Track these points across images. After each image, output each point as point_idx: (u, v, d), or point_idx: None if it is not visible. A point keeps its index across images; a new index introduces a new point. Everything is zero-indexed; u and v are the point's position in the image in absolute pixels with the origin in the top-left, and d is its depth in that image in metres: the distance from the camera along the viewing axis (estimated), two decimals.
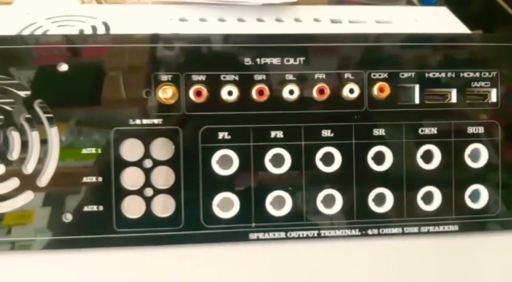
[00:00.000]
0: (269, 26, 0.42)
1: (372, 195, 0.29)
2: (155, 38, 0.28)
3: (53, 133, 0.28)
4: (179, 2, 0.47)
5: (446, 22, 0.46)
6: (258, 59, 0.29)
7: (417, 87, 0.30)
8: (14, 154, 0.28)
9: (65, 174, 0.28)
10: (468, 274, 0.30)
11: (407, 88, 0.30)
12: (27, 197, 0.28)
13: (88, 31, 0.35)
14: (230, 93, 0.28)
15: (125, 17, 0.41)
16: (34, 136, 0.28)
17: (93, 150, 0.28)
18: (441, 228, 0.30)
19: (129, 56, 0.28)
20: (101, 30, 0.36)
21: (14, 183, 0.28)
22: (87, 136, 0.28)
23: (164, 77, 0.28)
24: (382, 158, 0.30)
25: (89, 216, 0.28)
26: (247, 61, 0.29)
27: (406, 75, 0.30)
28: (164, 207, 0.28)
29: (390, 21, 0.45)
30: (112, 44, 0.28)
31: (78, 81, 0.28)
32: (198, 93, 0.28)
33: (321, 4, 0.50)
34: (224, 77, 0.28)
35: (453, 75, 0.30)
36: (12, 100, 0.27)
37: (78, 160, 0.28)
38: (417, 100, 0.30)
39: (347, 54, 0.29)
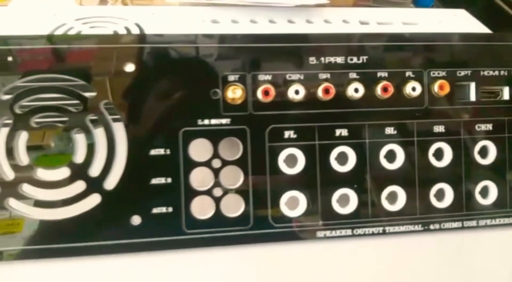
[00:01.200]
0: (300, 28, 0.42)
1: (433, 190, 0.30)
2: (222, 38, 0.28)
3: (120, 135, 0.27)
4: (208, 4, 0.47)
5: (467, 23, 0.47)
6: (322, 58, 0.29)
7: (473, 85, 0.31)
8: (79, 156, 0.27)
9: (133, 176, 0.27)
10: None
11: (463, 86, 0.31)
12: (94, 200, 0.27)
13: (122, 32, 0.34)
14: (297, 92, 0.28)
15: (156, 18, 0.41)
16: (100, 138, 0.27)
17: (161, 151, 0.27)
18: (497, 221, 0.31)
19: (196, 56, 0.28)
20: (135, 32, 0.35)
21: (79, 186, 0.27)
22: (155, 138, 0.27)
23: (232, 77, 0.28)
24: (441, 154, 0.30)
25: (158, 218, 0.27)
26: (312, 60, 0.29)
27: (463, 73, 0.30)
28: (233, 206, 0.28)
29: (415, 22, 0.46)
30: (179, 44, 0.28)
31: (145, 82, 0.27)
32: (266, 92, 0.28)
33: (347, 6, 0.51)
34: (289, 77, 0.28)
35: (505, 73, 0.31)
36: (77, 101, 0.27)
37: (146, 161, 0.27)
38: (473, 98, 0.31)
39: (408, 53, 0.30)
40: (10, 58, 0.26)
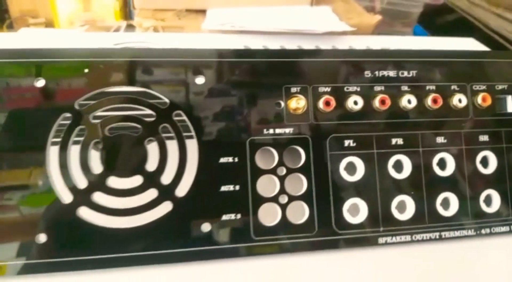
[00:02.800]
0: None
1: (482, 196, 0.31)
2: (285, 53, 0.30)
3: (191, 144, 0.28)
4: (239, 32, 0.49)
5: (480, 48, 0.50)
6: (376, 72, 0.31)
7: (509, 97, 0.33)
8: (152, 164, 0.27)
9: (203, 183, 0.27)
10: None
11: (502, 99, 0.33)
12: (165, 208, 0.27)
13: None
14: (355, 103, 0.30)
15: (189, 45, 0.43)
16: (171, 147, 0.27)
17: (230, 159, 0.28)
18: None
19: (261, 70, 0.29)
20: None
21: (152, 194, 0.27)
22: (224, 146, 0.28)
23: (294, 89, 0.29)
24: (487, 161, 0.32)
25: (228, 225, 0.27)
26: (367, 73, 0.31)
27: (500, 87, 0.33)
28: (298, 213, 0.29)
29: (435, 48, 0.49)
30: (245, 58, 0.29)
31: (214, 94, 0.28)
32: (327, 103, 0.29)
33: (367, 34, 0.54)
34: (347, 89, 0.30)
35: None
36: (150, 111, 0.27)
37: (215, 169, 0.28)
38: (510, 109, 0.33)
39: (452, 68, 0.32)
40: (86, 70, 0.27)
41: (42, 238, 0.25)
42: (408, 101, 0.30)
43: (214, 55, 0.29)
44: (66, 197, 0.26)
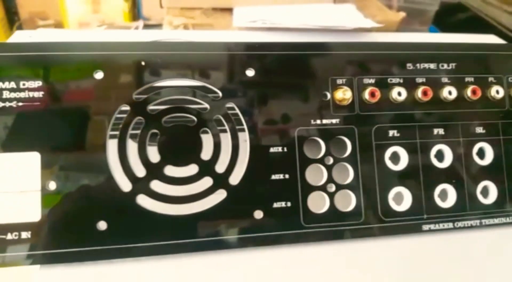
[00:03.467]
0: None
1: None
2: (331, 45, 0.31)
3: (242, 134, 0.29)
4: (267, 29, 0.50)
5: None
6: (418, 64, 0.32)
7: None
8: (207, 154, 0.28)
9: (255, 172, 0.28)
10: None
11: None
12: (220, 195, 0.28)
13: None
14: (399, 94, 0.30)
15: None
16: (224, 137, 0.28)
17: (279, 149, 0.29)
18: None
19: (308, 62, 0.30)
20: None
21: (207, 182, 0.28)
22: (274, 136, 0.29)
23: (340, 81, 0.30)
24: None
25: (279, 212, 0.28)
26: (409, 66, 0.32)
27: None
28: (345, 201, 0.29)
29: None
30: (293, 51, 0.30)
31: (263, 85, 0.29)
32: (372, 94, 0.30)
33: (391, 31, 0.55)
34: (390, 80, 0.31)
35: None
36: (204, 103, 0.28)
37: (266, 158, 0.29)
38: None
39: (489, 60, 0.33)
40: (143, 63, 0.28)
41: (102, 225, 0.26)
42: (449, 92, 0.31)
43: (263, 48, 0.29)
44: (125, 186, 0.27)
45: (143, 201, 0.27)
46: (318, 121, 0.29)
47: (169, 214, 0.27)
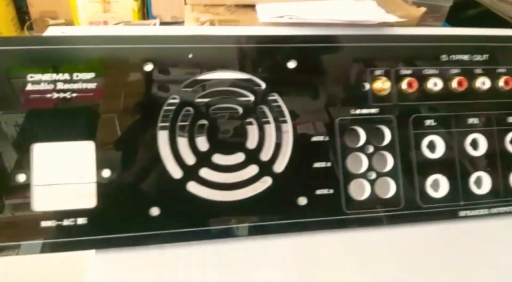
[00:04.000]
0: None
1: None
2: (369, 38, 0.32)
3: (286, 124, 0.29)
4: (291, 24, 0.51)
5: None
6: (452, 56, 0.33)
7: None
8: (252, 143, 0.29)
9: (298, 160, 0.29)
10: None
11: None
12: (265, 183, 0.29)
13: None
14: (435, 84, 0.31)
15: None
16: (269, 127, 0.29)
17: (321, 138, 0.30)
18: None
19: (348, 54, 0.31)
20: None
21: (252, 169, 0.29)
22: (315, 126, 0.30)
23: (378, 72, 0.31)
24: None
25: (322, 199, 0.29)
26: (444, 57, 0.32)
27: None
28: (385, 188, 0.30)
29: None
30: (333, 43, 0.31)
31: (305, 76, 0.30)
32: (410, 84, 0.31)
33: (412, 26, 0.56)
34: (426, 71, 0.32)
35: None
36: (249, 94, 0.29)
37: (309, 147, 0.30)
38: None
39: None
40: (190, 55, 0.29)
41: (155, 211, 0.27)
42: (483, 83, 0.32)
43: (305, 40, 0.30)
44: (176, 173, 0.28)
45: (193, 187, 0.28)
46: (358, 111, 0.30)
47: (217, 200, 0.28)
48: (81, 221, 0.26)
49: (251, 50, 0.30)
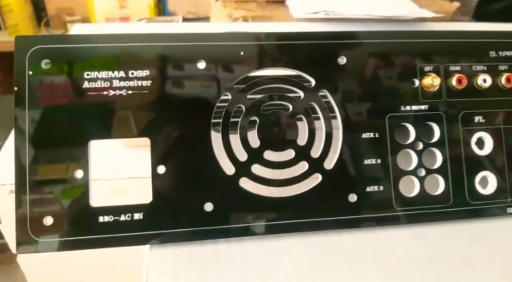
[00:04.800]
0: None
1: None
2: (419, 34, 0.32)
3: (336, 120, 0.30)
4: (326, 19, 0.51)
5: None
6: (500, 52, 0.32)
7: None
8: (302, 139, 0.29)
9: (348, 157, 0.29)
10: None
11: None
12: (315, 179, 0.29)
13: None
14: (484, 81, 0.31)
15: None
16: (319, 123, 0.29)
17: (371, 135, 0.30)
18: None
19: (397, 50, 0.31)
20: None
21: (303, 166, 0.29)
22: (366, 122, 0.30)
23: (427, 68, 0.31)
24: None
25: (372, 196, 0.29)
26: (492, 53, 0.32)
27: None
28: (435, 185, 0.30)
29: None
30: (383, 39, 0.31)
31: (355, 73, 0.30)
32: (460, 81, 0.31)
33: (446, 21, 0.56)
34: (475, 68, 0.32)
35: None
36: (298, 91, 0.30)
37: (359, 144, 0.30)
38: None
39: None
40: (242, 53, 0.29)
41: (209, 206, 0.28)
42: None
43: (354, 36, 0.30)
44: (229, 169, 0.28)
45: (245, 183, 0.28)
46: (408, 108, 0.30)
47: (269, 196, 0.28)
48: (137, 216, 0.27)
49: (301, 47, 0.30)
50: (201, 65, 0.28)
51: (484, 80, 0.31)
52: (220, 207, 0.28)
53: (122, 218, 0.27)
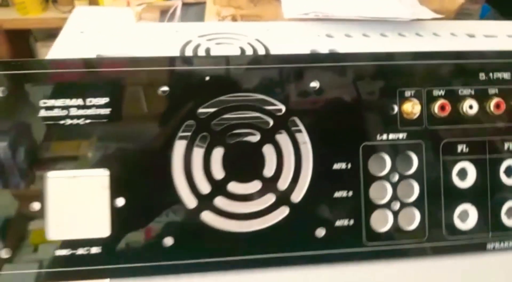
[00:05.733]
0: (410, 41, 0.43)
1: None
2: (397, 56, 0.29)
3: (306, 149, 0.28)
4: (318, 19, 0.48)
5: None
6: (491, 74, 0.30)
7: None
8: (270, 170, 0.28)
9: (318, 189, 0.28)
10: None
11: None
12: (282, 213, 0.28)
13: (248, 49, 0.35)
14: (471, 107, 0.29)
15: (272, 34, 0.42)
16: (287, 153, 0.28)
17: (343, 165, 0.28)
18: None
19: (374, 74, 0.29)
20: (260, 48, 0.36)
21: (269, 198, 0.28)
22: (337, 152, 0.28)
23: (408, 93, 0.29)
24: None
25: (341, 231, 0.28)
26: (482, 75, 0.30)
27: None
28: (409, 219, 0.29)
29: None
30: (358, 62, 0.29)
31: (328, 99, 0.28)
32: (442, 107, 0.29)
33: (449, 19, 0.52)
34: (461, 92, 0.29)
35: None
36: (267, 118, 0.28)
37: (329, 175, 0.28)
38: None
39: None
40: (207, 78, 0.27)
41: (169, 241, 0.27)
42: None
43: (328, 59, 0.28)
44: (191, 202, 0.27)
45: (207, 217, 0.27)
46: (385, 137, 0.29)
47: (232, 231, 0.27)
48: (95, 250, 0.26)
49: (271, 71, 0.28)
50: (163, 91, 0.27)
51: (470, 107, 0.29)
52: (180, 242, 0.27)
53: (80, 251, 0.26)
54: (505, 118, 0.29)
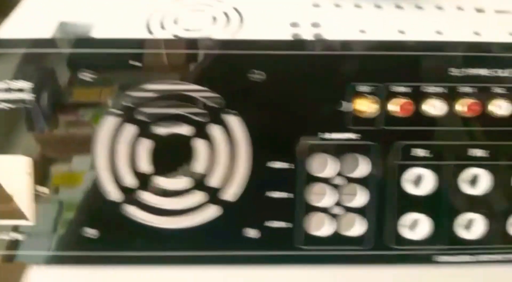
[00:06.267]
0: (408, 14, 0.38)
1: None
2: (349, 44, 0.26)
3: (242, 146, 0.26)
4: None
5: None
6: (464, 70, 0.26)
7: None
8: (201, 166, 0.26)
9: (253, 188, 0.26)
10: None
11: None
12: (213, 211, 0.26)
13: (220, 17, 0.32)
14: (434, 106, 0.25)
15: (252, 2, 0.38)
16: (222, 149, 0.26)
17: (282, 164, 0.26)
18: None
19: (324, 65, 0.26)
20: (235, 18, 0.33)
21: (200, 196, 0.26)
22: (276, 150, 0.26)
23: (363, 88, 0.26)
24: None
25: (275, 232, 0.26)
26: (452, 71, 0.26)
27: None
28: (352, 225, 0.27)
29: None
30: (305, 51, 0.25)
31: (271, 91, 0.26)
32: (403, 106, 0.25)
33: None
34: (426, 89, 0.26)
35: None
36: (202, 110, 0.25)
37: (267, 174, 0.26)
38: None
39: None
40: (138, 63, 0.25)
41: (92, 232, 0.26)
42: (499, 107, 0.26)
43: (273, 46, 0.25)
44: (115, 195, 0.26)
45: (132, 211, 0.26)
46: (331, 136, 0.26)
47: (159, 226, 0.26)
48: (18, 236, 0.26)
49: (209, 58, 0.25)
50: (86, 76, 0.25)
51: (433, 106, 0.25)
52: (104, 234, 0.26)
53: (1, 236, 0.26)
54: (476, 122, 0.26)
